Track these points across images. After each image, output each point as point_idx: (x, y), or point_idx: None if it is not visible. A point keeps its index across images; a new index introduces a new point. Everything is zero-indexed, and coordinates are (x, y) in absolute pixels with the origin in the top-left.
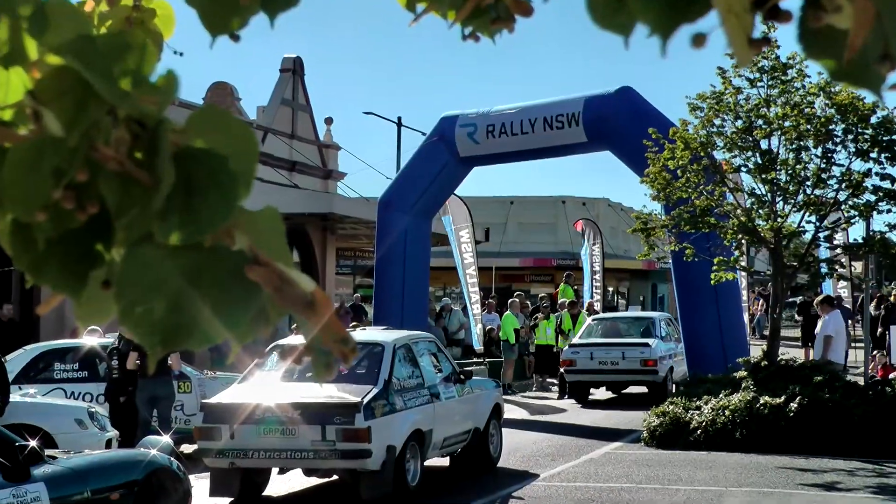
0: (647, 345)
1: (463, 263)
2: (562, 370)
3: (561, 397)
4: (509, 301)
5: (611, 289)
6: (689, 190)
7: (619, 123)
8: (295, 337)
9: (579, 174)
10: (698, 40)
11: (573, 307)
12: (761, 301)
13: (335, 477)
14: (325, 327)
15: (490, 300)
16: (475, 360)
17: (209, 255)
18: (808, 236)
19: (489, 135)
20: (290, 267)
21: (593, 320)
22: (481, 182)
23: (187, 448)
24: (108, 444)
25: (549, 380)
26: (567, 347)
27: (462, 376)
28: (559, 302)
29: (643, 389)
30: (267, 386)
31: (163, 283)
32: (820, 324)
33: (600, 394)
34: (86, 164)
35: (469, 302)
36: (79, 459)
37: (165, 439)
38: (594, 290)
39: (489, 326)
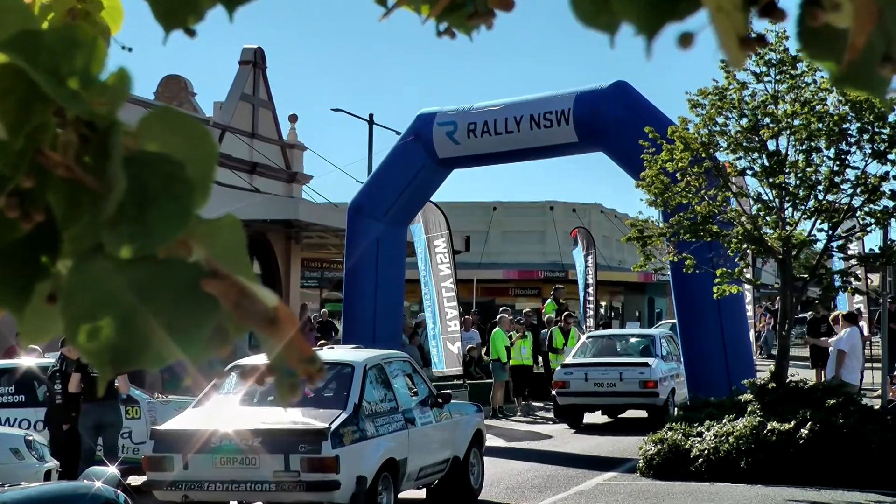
0: (646, 365)
1: (438, 276)
2: (553, 392)
3: (562, 421)
4: (498, 317)
5: (603, 303)
6: (690, 195)
7: (612, 122)
8: (256, 356)
9: (569, 177)
10: (685, 40)
11: (567, 321)
12: (768, 317)
13: None
14: (289, 346)
15: (468, 316)
16: (454, 381)
17: (163, 267)
18: (819, 246)
19: (470, 134)
20: (251, 280)
21: (588, 338)
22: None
23: (135, 480)
24: (48, 476)
25: (532, 403)
26: (559, 368)
27: (440, 400)
28: (546, 317)
29: (643, 414)
30: (225, 410)
31: (112, 298)
32: (834, 338)
33: (595, 418)
34: (31, 170)
35: (437, 319)
36: (14, 494)
37: (111, 470)
38: (587, 305)
39: (469, 345)
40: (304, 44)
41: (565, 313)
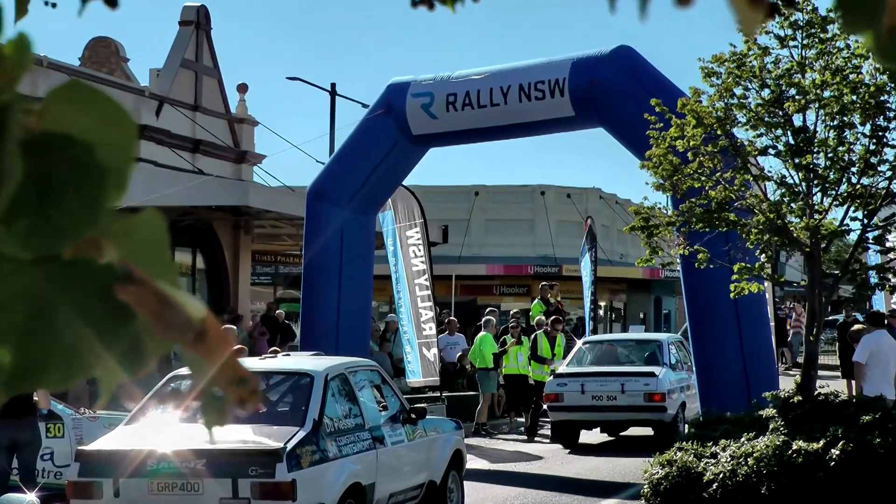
0: (652, 374)
1: (412, 271)
2: (545, 406)
3: (531, 440)
4: (484, 319)
5: (602, 304)
6: (703, 178)
7: (614, 93)
8: None
9: (563, 158)
10: None
11: (555, 326)
12: (793, 319)
13: None
14: (218, 364)
15: (452, 318)
16: (431, 394)
17: (69, 271)
18: (853, 237)
19: (449, 107)
20: (174, 286)
21: (585, 344)
22: (439, 167)
23: None
24: None
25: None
26: (551, 378)
27: (413, 415)
28: (535, 320)
29: (648, 431)
30: (163, 427)
31: (9, 306)
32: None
33: (593, 436)
34: None
35: (411, 321)
36: None
37: (30, 498)
38: (591, 307)
39: (459, 353)
40: (255, 1)
41: (553, 317)
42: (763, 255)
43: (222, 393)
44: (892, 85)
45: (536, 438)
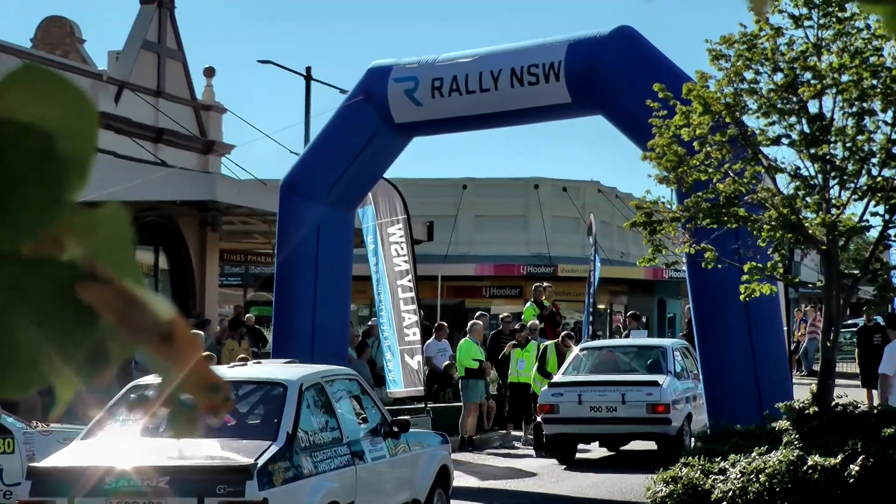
0: (655, 383)
1: (394, 272)
2: (538, 419)
3: (539, 454)
4: (470, 323)
5: (602, 306)
6: (710, 170)
7: (614, 77)
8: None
9: (559, 148)
10: None
11: (567, 341)
12: (808, 324)
13: None
14: (187, 370)
15: (441, 322)
16: (414, 405)
17: (27, 269)
18: (873, 233)
19: (435, 92)
20: (140, 286)
21: (582, 350)
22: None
23: None
24: None
25: (528, 436)
26: (545, 388)
27: (395, 428)
28: (528, 325)
29: (651, 445)
30: (122, 442)
31: None
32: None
33: (591, 451)
34: None
35: (392, 326)
36: None
37: None
38: (590, 310)
39: (446, 362)
40: None
41: (563, 333)
42: (776, 253)
43: (191, 400)
44: None
45: (529, 452)
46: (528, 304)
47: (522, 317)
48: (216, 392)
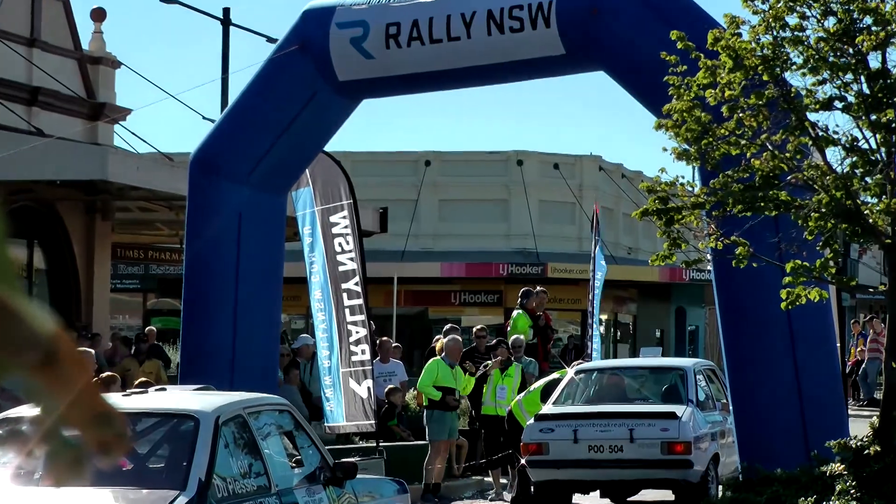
0: (672, 416)
1: (337, 273)
2: (522, 461)
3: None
4: (436, 339)
5: (603, 316)
6: (743, 142)
7: (620, 22)
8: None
9: (550, 114)
10: None
11: (545, 349)
12: (868, 339)
13: None
14: (73, 397)
15: (386, 339)
16: (363, 444)
17: None
18: None
19: (390, 42)
20: (14, 291)
21: (578, 373)
22: (376, 127)
23: None
24: None
25: (501, 480)
26: (532, 422)
27: (339, 474)
28: (513, 340)
29: (666, 495)
30: None
31: None
32: None
33: (591, 502)
34: None
35: (335, 342)
36: None
37: None
38: (590, 321)
39: (389, 385)
40: None
41: (576, 364)
42: (826, 248)
43: (77, 437)
44: None
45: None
46: (518, 312)
47: (509, 327)
48: (109, 425)
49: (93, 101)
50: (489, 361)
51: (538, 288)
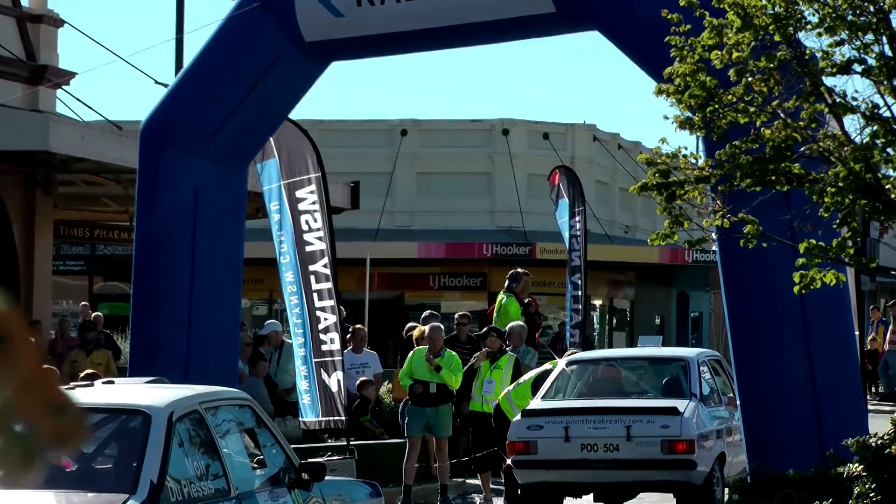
0: (674, 411)
1: (304, 253)
2: (508, 462)
3: None
4: (411, 326)
5: (598, 302)
6: (752, 109)
7: None
8: None
9: (538, 79)
10: None
11: (533, 337)
12: (890, 328)
13: None
14: (24, 384)
15: (359, 327)
16: (332, 442)
17: None
18: None
19: None
20: None
21: (570, 364)
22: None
23: None
24: None
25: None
26: (518, 418)
27: (305, 475)
28: (512, 327)
29: (668, 499)
30: None
31: None
32: None
33: None
34: None
35: (307, 330)
36: None
37: None
38: (575, 305)
39: (362, 377)
40: None
41: (568, 354)
42: (844, 227)
43: (28, 427)
44: None
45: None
46: (508, 297)
47: (496, 313)
48: (64, 414)
49: (33, 64)
50: (478, 353)
51: (520, 270)
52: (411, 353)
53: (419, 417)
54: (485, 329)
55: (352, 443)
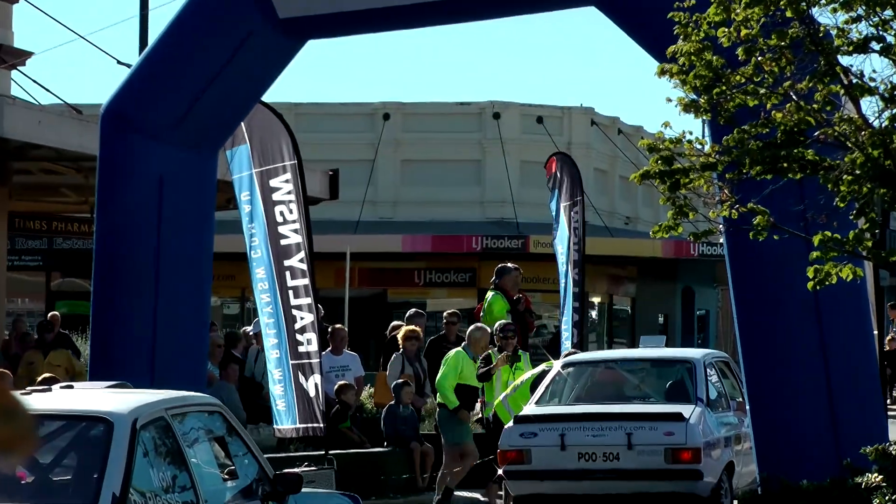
0: (678, 417)
1: (279, 247)
2: (500, 471)
3: None
4: (393, 325)
5: (596, 299)
6: (763, 90)
7: None
8: None
9: (531, 59)
10: None
11: (524, 336)
12: None
13: None
14: None
15: (338, 326)
16: (310, 451)
17: None
18: None
19: None
20: None
21: (566, 366)
22: (325, 74)
23: None
24: None
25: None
26: (511, 425)
27: (280, 487)
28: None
29: None
30: None
31: None
32: None
33: None
34: None
35: (282, 330)
36: None
37: None
38: (570, 301)
39: (341, 381)
40: None
41: (567, 353)
42: (862, 218)
43: None
44: None
45: None
46: (496, 294)
47: (483, 311)
48: (13, 421)
49: None
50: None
51: (509, 264)
52: (453, 355)
53: (464, 422)
54: (498, 329)
55: (331, 452)
